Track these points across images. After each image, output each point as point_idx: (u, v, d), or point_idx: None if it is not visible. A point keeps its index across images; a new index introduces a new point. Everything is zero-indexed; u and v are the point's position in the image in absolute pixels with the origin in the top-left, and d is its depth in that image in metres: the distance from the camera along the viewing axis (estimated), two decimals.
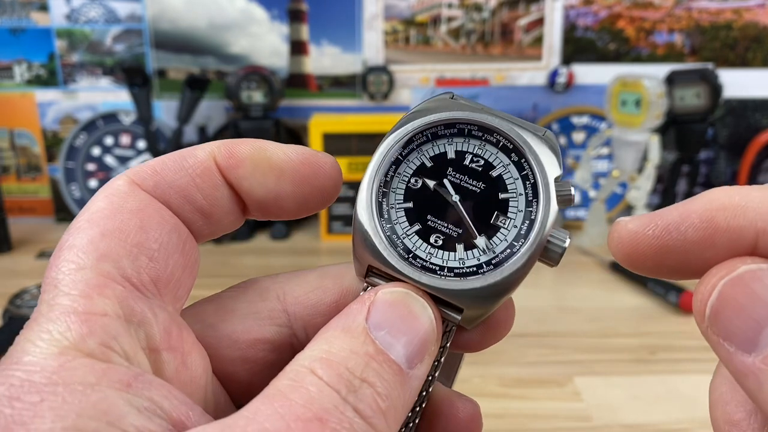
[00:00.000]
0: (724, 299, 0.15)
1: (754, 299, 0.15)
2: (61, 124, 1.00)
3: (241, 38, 0.98)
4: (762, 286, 0.15)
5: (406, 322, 0.17)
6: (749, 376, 0.15)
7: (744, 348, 0.15)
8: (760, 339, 0.15)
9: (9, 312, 0.66)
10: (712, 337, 0.16)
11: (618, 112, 0.85)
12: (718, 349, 0.16)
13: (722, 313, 0.15)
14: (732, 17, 0.97)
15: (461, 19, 0.98)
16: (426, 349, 0.17)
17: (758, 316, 0.15)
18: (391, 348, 0.17)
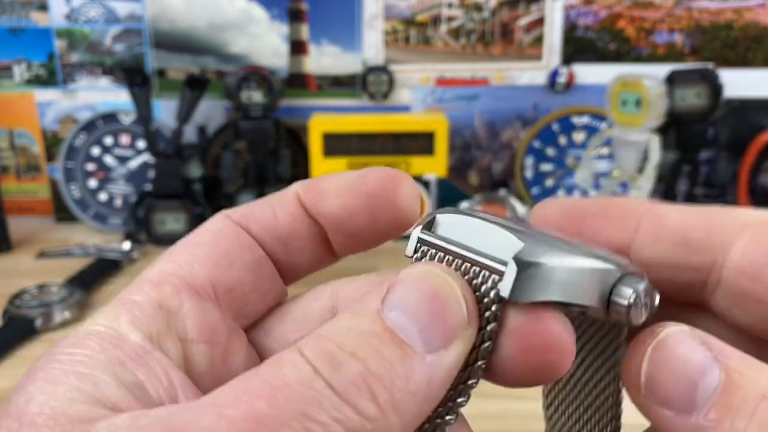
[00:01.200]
0: (655, 366, 0.16)
1: (684, 361, 0.15)
2: (60, 123, 1.00)
3: (240, 38, 0.98)
4: (686, 347, 0.15)
5: (427, 301, 0.15)
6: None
7: (684, 410, 0.15)
8: (697, 398, 0.15)
9: (8, 312, 0.66)
10: (651, 408, 0.16)
11: (618, 111, 0.85)
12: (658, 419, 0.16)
13: (657, 379, 0.16)
14: (732, 17, 0.96)
15: (461, 18, 0.98)
16: (453, 331, 0.15)
17: (690, 376, 0.15)
18: (404, 328, 0.14)
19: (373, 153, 0.89)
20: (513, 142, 1.01)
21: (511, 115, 1.00)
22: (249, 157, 0.95)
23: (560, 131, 1.00)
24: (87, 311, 0.70)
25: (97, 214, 0.99)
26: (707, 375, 0.15)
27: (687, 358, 0.15)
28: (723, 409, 0.15)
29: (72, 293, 0.70)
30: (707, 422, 0.15)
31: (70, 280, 0.75)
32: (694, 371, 0.15)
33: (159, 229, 0.91)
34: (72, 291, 0.70)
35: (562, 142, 1.00)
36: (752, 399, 0.14)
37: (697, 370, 0.15)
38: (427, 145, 0.89)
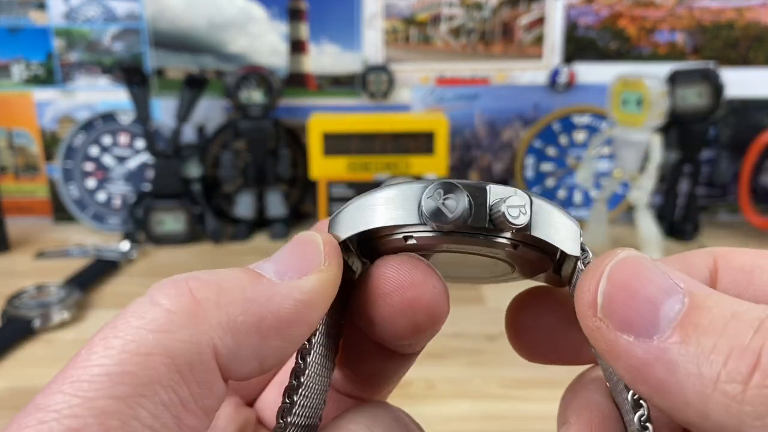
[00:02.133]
0: (615, 284, 0.14)
1: (646, 280, 0.14)
2: (59, 123, 1.00)
3: (240, 37, 0.98)
4: (648, 266, 0.14)
5: (288, 248, 0.17)
6: (656, 363, 0.13)
7: (645, 333, 0.14)
8: (660, 319, 0.14)
9: (7, 313, 0.66)
10: (606, 334, 0.14)
11: (619, 111, 0.85)
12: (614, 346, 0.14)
13: (615, 300, 0.14)
14: (734, 16, 0.96)
15: (462, 18, 0.98)
16: (308, 264, 0.16)
17: (653, 296, 0.14)
18: (261, 267, 0.16)
19: (373, 153, 0.89)
20: (513, 141, 1.01)
21: (511, 114, 1.00)
22: (248, 156, 0.95)
23: (561, 131, 0.99)
24: (85, 311, 0.70)
25: (95, 214, 0.99)
26: (670, 297, 0.14)
27: (649, 278, 0.14)
28: (689, 328, 0.13)
29: (70, 293, 0.69)
30: (670, 344, 0.13)
31: (68, 281, 0.75)
32: (656, 292, 0.14)
33: (158, 229, 0.91)
34: (70, 291, 0.70)
35: (562, 141, 1.00)
36: (720, 318, 0.13)
37: (660, 291, 0.14)
38: (427, 145, 0.89)
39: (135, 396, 0.13)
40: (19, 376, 0.57)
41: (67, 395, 0.13)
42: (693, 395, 0.13)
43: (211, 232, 0.92)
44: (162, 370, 0.13)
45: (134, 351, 0.13)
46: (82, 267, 0.80)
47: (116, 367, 0.13)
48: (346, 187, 0.90)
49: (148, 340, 0.14)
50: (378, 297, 0.17)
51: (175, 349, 0.14)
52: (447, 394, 0.54)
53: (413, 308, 0.16)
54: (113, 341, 0.14)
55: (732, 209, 1.01)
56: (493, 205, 0.16)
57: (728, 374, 0.12)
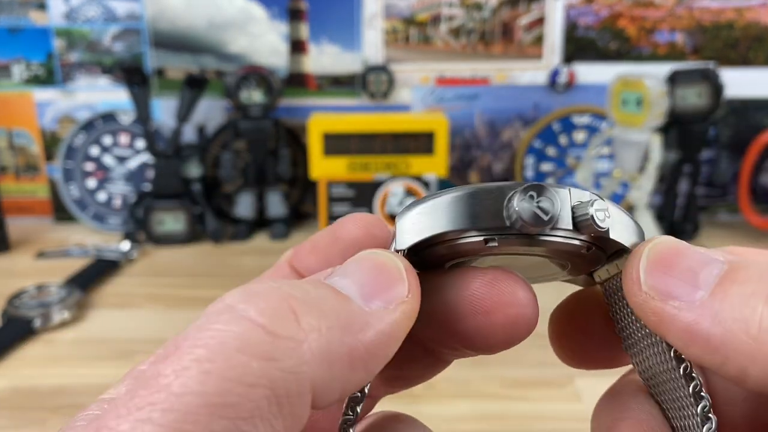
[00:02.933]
0: (654, 259, 0.15)
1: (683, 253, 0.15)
2: (59, 123, 1.00)
3: (240, 37, 0.98)
4: (684, 245, 0.16)
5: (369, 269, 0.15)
6: (701, 319, 0.14)
7: (688, 297, 0.15)
8: (700, 282, 0.15)
9: (7, 313, 0.66)
10: (653, 305, 0.15)
11: (619, 111, 0.85)
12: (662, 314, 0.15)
13: (657, 272, 0.15)
14: (734, 16, 0.96)
15: (462, 18, 0.98)
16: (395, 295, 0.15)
17: (691, 264, 0.15)
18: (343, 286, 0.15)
19: (373, 152, 0.89)
20: (513, 141, 1.01)
21: (511, 114, 1.00)
22: (248, 156, 0.95)
23: (561, 131, 0.99)
24: (86, 311, 0.70)
25: (96, 214, 0.99)
26: (709, 265, 0.15)
27: (687, 250, 0.15)
28: (727, 283, 0.14)
29: (71, 293, 0.70)
30: (713, 298, 0.14)
31: (68, 281, 0.75)
32: (695, 261, 0.15)
33: (158, 229, 0.91)
34: (71, 291, 0.70)
35: (562, 141, 1.00)
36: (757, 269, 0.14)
37: (699, 260, 0.15)
38: (427, 145, 0.89)
39: (235, 431, 0.12)
40: (19, 376, 0.57)
41: (159, 426, 0.11)
42: (740, 342, 0.14)
43: (211, 232, 0.92)
44: (263, 403, 0.12)
45: (237, 380, 0.12)
46: (82, 267, 0.80)
47: (217, 398, 0.12)
48: (346, 187, 0.90)
49: (253, 368, 0.12)
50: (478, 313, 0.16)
51: (278, 379, 0.12)
52: (447, 394, 0.54)
53: (515, 325, 0.17)
54: (209, 366, 0.12)
55: (732, 209, 1.01)
56: (575, 207, 0.16)
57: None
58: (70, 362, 0.60)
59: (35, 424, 0.50)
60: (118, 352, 0.61)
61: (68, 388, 0.55)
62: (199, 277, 0.81)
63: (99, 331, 0.66)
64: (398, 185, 0.90)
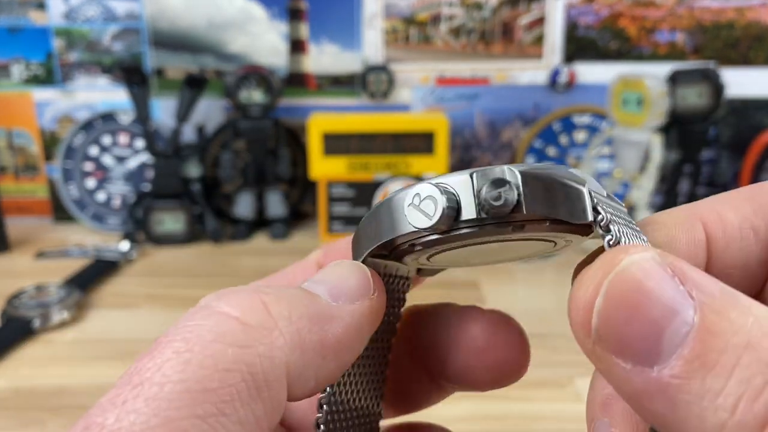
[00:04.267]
0: (611, 303, 0.12)
1: (650, 295, 0.12)
2: (58, 123, 1.00)
3: (239, 37, 0.98)
4: (655, 280, 0.12)
5: (338, 272, 0.17)
6: (655, 396, 0.12)
7: (645, 362, 0.12)
8: (663, 347, 0.12)
9: (7, 313, 0.65)
10: (603, 356, 0.12)
11: (619, 111, 0.85)
12: (610, 370, 0.12)
13: (612, 321, 0.12)
14: (734, 16, 0.96)
15: (462, 17, 0.98)
16: (358, 290, 0.16)
17: (655, 318, 0.12)
18: (313, 287, 0.16)
19: (372, 152, 0.89)
20: (514, 141, 1.01)
21: (511, 114, 1.00)
22: (248, 156, 0.95)
23: (561, 131, 0.99)
24: (85, 311, 0.69)
25: (95, 214, 0.99)
26: (678, 317, 0.12)
27: (654, 295, 0.12)
28: (694, 362, 0.11)
29: (70, 293, 0.69)
30: (672, 379, 0.11)
31: (68, 281, 0.75)
32: (660, 312, 0.12)
33: (157, 229, 0.91)
34: (70, 291, 0.70)
35: (563, 141, 1.00)
36: (733, 349, 0.11)
37: (666, 309, 0.12)
38: (427, 145, 0.88)
39: (217, 414, 0.12)
40: (18, 376, 0.57)
41: (143, 414, 0.12)
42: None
43: (211, 232, 0.92)
44: (242, 387, 0.13)
45: (214, 366, 0.13)
46: (81, 267, 0.80)
47: (197, 384, 0.12)
48: (346, 187, 0.90)
49: (227, 354, 0.13)
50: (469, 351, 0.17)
51: (254, 364, 0.13)
52: None
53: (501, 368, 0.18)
54: (187, 355, 0.13)
55: None
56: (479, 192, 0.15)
57: (735, 427, 0.11)
58: (69, 362, 0.60)
59: (35, 425, 0.50)
60: (118, 353, 0.61)
61: (68, 388, 0.55)
62: (199, 277, 0.80)
63: (98, 332, 0.66)
64: (398, 185, 0.90)
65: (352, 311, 0.16)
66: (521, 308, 0.71)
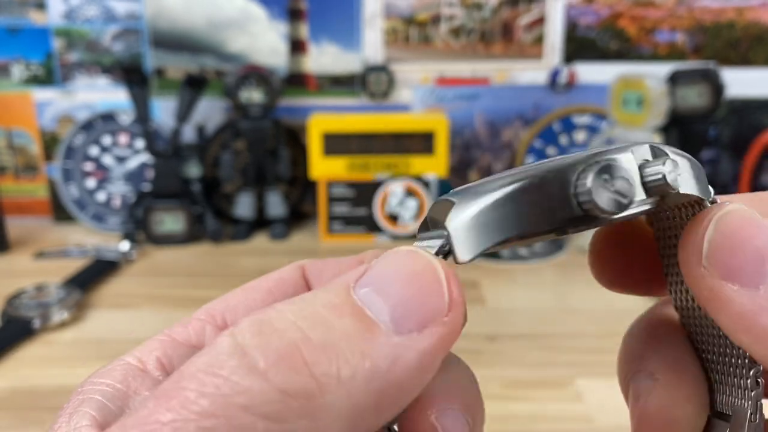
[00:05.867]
0: (722, 232, 0.14)
1: (755, 230, 0.14)
2: (58, 123, 1.00)
3: (239, 37, 0.98)
4: (757, 219, 0.14)
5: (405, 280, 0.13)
6: (761, 312, 0.13)
7: (750, 283, 0.13)
8: (767, 270, 0.13)
9: (6, 313, 0.65)
10: (710, 281, 0.14)
11: (620, 111, 0.85)
12: (718, 294, 0.14)
13: (722, 247, 0.14)
14: (734, 16, 0.96)
15: (462, 17, 0.98)
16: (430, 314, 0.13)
17: (761, 246, 0.14)
18: (372, 305, 0.13)
19: (373, 152, 0.89)
20: (514, 141, 1.01)
21: (511, 114, 1.00)
22: (248, 156, 0.95)
23: (561, 131, 0.99)
24: (85, 311, 0.69)
25: (95, 214, 0.99)
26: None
27: (758, 229, 0.14)
28: None
29: (70, 293, 0.69)
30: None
31: (68, 281, 0.75)
32: (764, 244, 0.14)
33: (157, 229, 0.91)
34: (70, 291, 0.70)
35: (563, 141, 1.00)
36: None
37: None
38: (427, 145, 0.88)
39: None
40: (18, 376, 0.57)
41: None
42: None
43: (211, 233, 0.92)
44: None
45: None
46: (81, 267, 0.80)
47: None
48: (346, 187, 0.90)
49: (257, 430, 0.11)
50: None
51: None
52: None
53: None
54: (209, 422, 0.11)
55: None
56: (643, 169, 0.14)
57: None
58: (69, 362, 0.60)
59: (35, 425, 0.50)
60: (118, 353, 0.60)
61: (67, 388, 0.55)
62: (199, 278, 0.80)
63: (98, 332, 0.66)
64: (398, 185, 0.89)
65: (420, 348, 0.13)
66: (521, 308, 0.71)
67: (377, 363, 0.12)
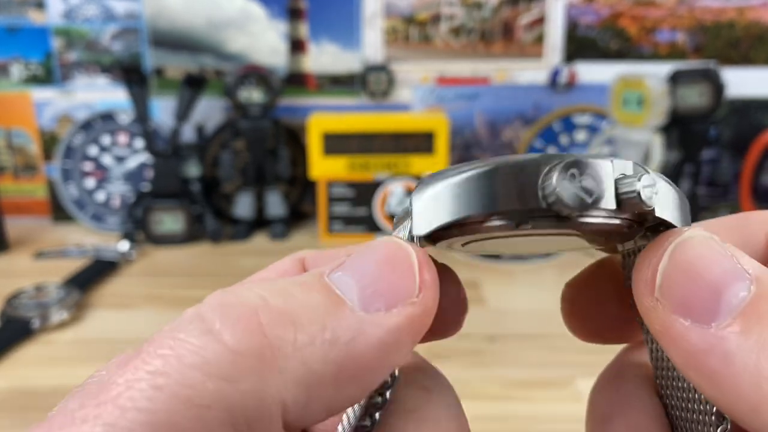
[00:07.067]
0: (676, 263, 0.13)
1: (711, 262, 0.13)
2: (57, 123, 1.00)
3: (239, 36, 0.98)
4: (715, 248, 0.13)
5: (376, 264, 0.13)
6: (711, 351, 0.12)
7: (703, 319, 0.13)
8: (721, 305, 0.13)
9: (5, 313, 0.65)
10: (662, 314, 0.13)
11: (620, 111, 0.84)
12: (670, 328, 0.13)
13: (675, 279, 0.13)
14: (735, 16, 0.96)
15: (462, 17, 0.98)
16: (398, 295, 0.13)
17: (715, 280, 0.13)
18: (342, 284, 0.13)
19: (373, 152, 0.89)
20: (514, 141, 1.01)
21: (512, 114, 1.00)
22: (248, 156, 0.95)
23: (562, 130, 0.99)
24: (84, 312, 0.69)
25: (94, 214, 0.98)
26: (736, 280, 0.13)
27: (714, 261, 0.13)
28: (752, 318, 0.12)
29: (69, 294, 0.69)
30: (729, 334, 0.12)
31: (67, 281, 0.74)
32: (721, 276, 0.13)
33: (157, 229, 0.91)
34: (69, 291, 0.70)
35: (563, 141, 1.00)
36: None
37: (725, 273, 0.13)
38: (427, 145, 0.88)
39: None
40: (18, 376, 0.57)
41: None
42: (747, 389, 0.12)
43: (211, 232, 0.91)
44: (214, 425, 0.11)
45: (189, 400, 0.11)
46: (81, 267, 0.79)
47: (164, 416, 0.11)
48: (345, 186, 0.90)
49: (207, 388, 0.11)
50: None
51: (236, 401, 0.11)
52: None
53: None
54: (161, 380, 0.11)
55: (733, 209, 1.01)
56: (619, 183, 0.14)
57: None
58: (68, 363, 0.59)
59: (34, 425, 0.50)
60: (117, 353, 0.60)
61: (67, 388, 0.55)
62: (198, 278, 0.80)
63: (98, 332, 0.66)
64: (398, 185, 0.89)
65: (387, 325, 0.13)
66: (521, 308, 0.71)
67: (338, 334, 0.12)
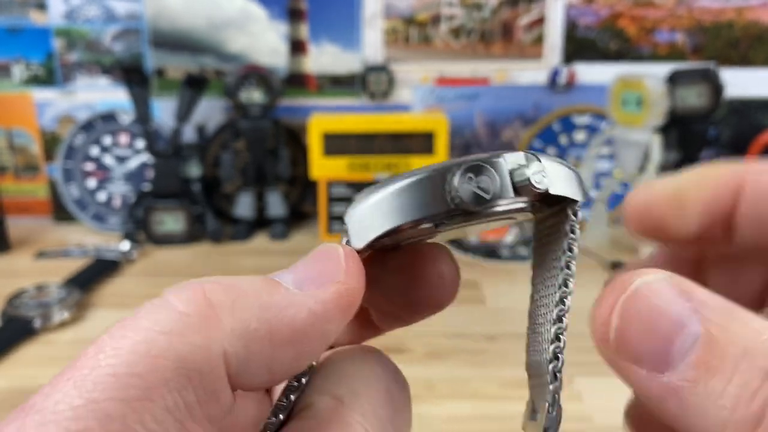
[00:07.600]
0: (626, 320, 0.14)
1: (659, 314, 0.14)
2: (59, 123, 1.00)
3: (239, 37, 0.98)
4: (663, 298, 0.14)
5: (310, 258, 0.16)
6: (668, 398, 0.14)
7: (657, 368, 0.14)
8: (672, 355, 0.14)
9: (7, 313, 0.66)
10: (621, 365, 0.15)
11: (619, 111, 0.85)
12: (628, 377, 0.15)
13: (628, 335, 0.14)
14: (734, 16, 0.96)
15: (462, 17, 0.98)
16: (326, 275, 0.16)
17: (665, 331, 0.14)
18: (280, 276, 0.16)
19: (373, 152, 0.89)
20: (514, 141, 1.01)
21: (511, 114, 1.00)
22: (248, 156, 0.95)
23: (561, 131, 0.99)
24: (85, 311, 0.70)
25: (95, 214, 0.99)
26: (685, 330, 0.14)
27: (662, 312, 0.14)
28: (700, 368, 0.13)
29: (70, 293, 0.69)
30: (682, 382, 0.13)
31: (68, 281, 0.75)
32: (670, 326, 0.14)
33: (158, 229, 0.91)
34: (70, 291, 0.70)
35: (563, 141, 1.00)
36: (732, 356, 0.13)
37: (674, 324, 0.14)
38: (427, 145, 0.89)
39: (141, 399, 0.13)
40: (19, 376, 0.57)
41: (69, 396, 0.12)
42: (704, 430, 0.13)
43: (211, 232, 0.92)
44: (170, 374, 0.13)
45: (143, 352, 0.13)
46: (82, 267, 0.80)
47: (124, 368, 0.13)
48: (346, 186, 0.90)
49: (159, 342, 0.13)
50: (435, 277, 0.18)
51: (185, 352, 0.13)
52: (447, 394, 0.54)
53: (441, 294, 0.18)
54: (122, 341, 0.13)
55: None
56: (513, 173, 0.16)
57: (735, 424, 0.13)
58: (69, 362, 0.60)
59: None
60: None
61: None
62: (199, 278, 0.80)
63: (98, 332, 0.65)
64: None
65: (315, 296, 0.15)
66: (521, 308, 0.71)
67: (272, 304, 0.15)
